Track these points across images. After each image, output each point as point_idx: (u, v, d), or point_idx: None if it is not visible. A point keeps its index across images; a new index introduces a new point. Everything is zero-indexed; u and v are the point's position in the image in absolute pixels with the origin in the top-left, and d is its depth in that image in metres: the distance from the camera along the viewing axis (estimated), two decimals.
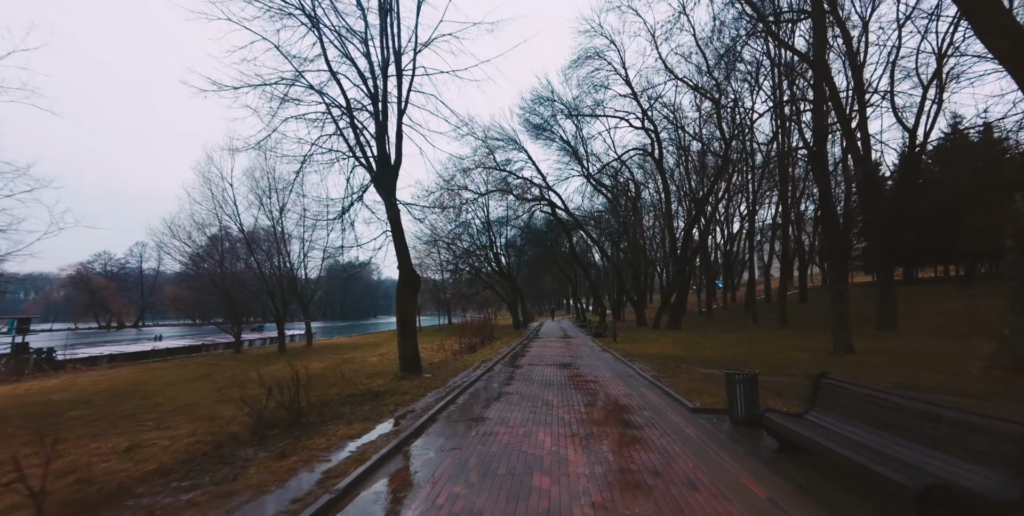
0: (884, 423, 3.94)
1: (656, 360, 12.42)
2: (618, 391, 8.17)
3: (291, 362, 13.75)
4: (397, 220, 9.56)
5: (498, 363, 12.80)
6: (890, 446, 3.73)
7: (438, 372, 10.31)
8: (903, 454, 3.55)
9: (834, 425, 4.26)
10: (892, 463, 3.34)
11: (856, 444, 3.88)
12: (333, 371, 11.60)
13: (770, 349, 13.68)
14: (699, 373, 9.74)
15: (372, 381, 8.91)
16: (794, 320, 25.36)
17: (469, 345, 17.17)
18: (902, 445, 3.62)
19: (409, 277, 9.50)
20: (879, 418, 4.01)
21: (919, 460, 3.31)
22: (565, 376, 10.13)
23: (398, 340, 9.38)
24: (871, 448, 3.80)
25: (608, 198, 34.21)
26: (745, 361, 11.38)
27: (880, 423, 3.96)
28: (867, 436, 3.95)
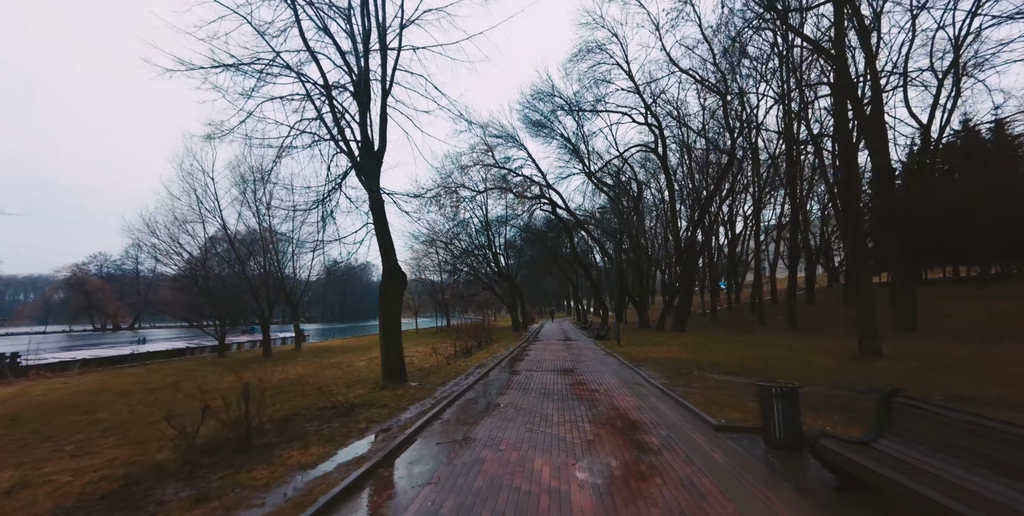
0: (983, 458, 3.00)
1: (665, 365, 11.46)
2: (627, 402, 7.22)
3: (270, 367, 12.79)
4: (381, 211, 8.63)
5: (494, 368, 11.85)
6: (998, 490, 2.79)
7: (427, 379, 9.36)
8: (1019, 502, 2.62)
9: (914, 458, 3.30)
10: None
11: (949, 485, 2.94)
12: (313, 378, 10.66)
13: (786, 353, 12.72)
14: (715, 381, 8.79)
15: (350, 391, 7.97)
16: (802, 322, 24.41)
17: (464, 348, 16.21)
18: (1014, 489, 2.69)
19: (393, 274, 8.58)
20: (974, 450, 3.07)
21: None
22: (566, 384, 9.17)
23: (381, 345, 8.45)
24: (970, 492, 2.86)
25: (610, 197, 33.28)
26: (763, 366, 10.42)
27: (978, 458, 3.02)
28: (962, 475, 3.01)
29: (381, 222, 8.64)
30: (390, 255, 8.66)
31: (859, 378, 8.39)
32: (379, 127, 8.93)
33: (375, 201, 8.47)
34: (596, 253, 50.37)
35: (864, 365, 9.83)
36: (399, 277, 8.77)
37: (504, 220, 35.40)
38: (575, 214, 34.46)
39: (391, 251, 8.75)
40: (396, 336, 8.42)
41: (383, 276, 8.68)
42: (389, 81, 8.91)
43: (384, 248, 8.64)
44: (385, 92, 8.88)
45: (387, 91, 8.90)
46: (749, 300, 39.15)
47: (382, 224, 8.65)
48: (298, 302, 23.02)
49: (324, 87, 8.44)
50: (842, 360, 10.64)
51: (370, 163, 8.55)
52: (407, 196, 8.97)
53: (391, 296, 8.57)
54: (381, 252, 8.65)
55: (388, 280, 8.62)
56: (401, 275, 8.83)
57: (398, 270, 8.82)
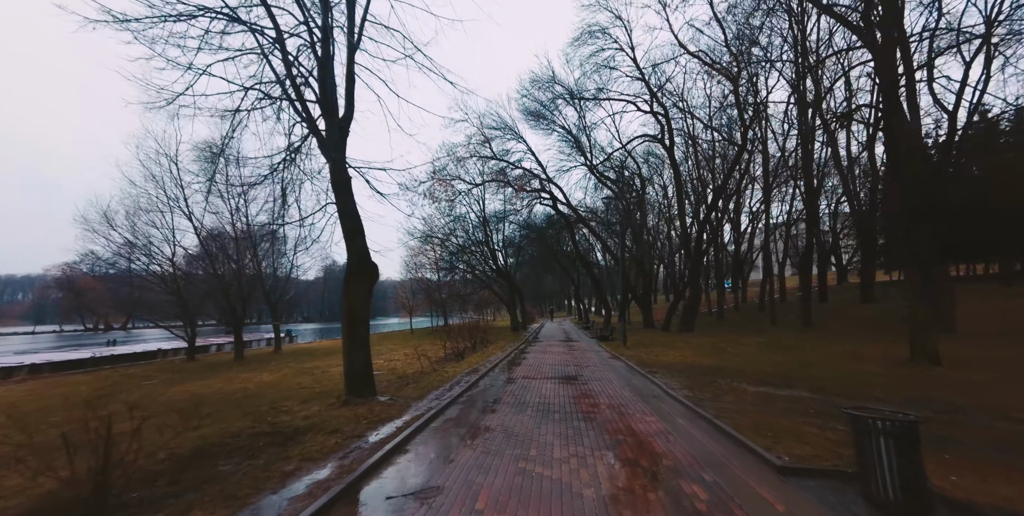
0: None
1: (682, 372, 9.95)
2: (647, 425, 5.70)
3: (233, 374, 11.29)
4: (346, 189, 7.12)
5: (486, 375, 10.33)
6: None
7: (402, 391, 7.85)
8: None
9: None
10: None
11: None
12: (273, 388, 9.17)
13: (820, 358, 11.20)
14: (749, 394, 7.27)
15: (304, 408, 6.47)
16: (816, 321, 22.87)
17: (456, 351, 14.70)
18: None
19: (360, 265, 7.07)
20: None
21: None
22: (570, 397, 7.66)
23: (344, 351, 6.95)
24: None
25: (613, 190, 31.73)
26: (800, 375, 8.91)
27: None
28: None
29: (346, 201, 7.12)
30: (356, 241, 7.14)
31: (928, 392, 6.87)
32: (345, 89, 7.42)
33: (338, 176, 6.96)
34: (597, 251, 48.93)
35: (922, 374, 8.31)
36: (368, 268, 7.26)
37: (502, 216, 33.88)
38: (576, 210, 32.94)
39: (359, 236, 7.23)
40: (362, 340, 6.91)
41: (347, 266, 7.16)
42: (358, 33, 7.39)
43: (350, 232, 7.12)
44: (352, 46, 7.36)
45: (355, 45, 7.38)
46: (757, 299, 37.63)
47: (347, 204, 7.13)
48: (278, 301, 21.46)
49: (276, 33, 6.90)
50: (891, 367, 9.12)
51: (333, 130, 7.05)
52: (378, 168, 7.44)
53: (357, 291, 7.06)
54: (345, 238, 7.13)
55: (354, 272, 7.11)
56: (370, 266, 7.31)
57: (367, 259, 7.30)
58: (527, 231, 36.03)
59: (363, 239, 7.42)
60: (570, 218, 32.99)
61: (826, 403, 6.39)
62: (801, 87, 23.29)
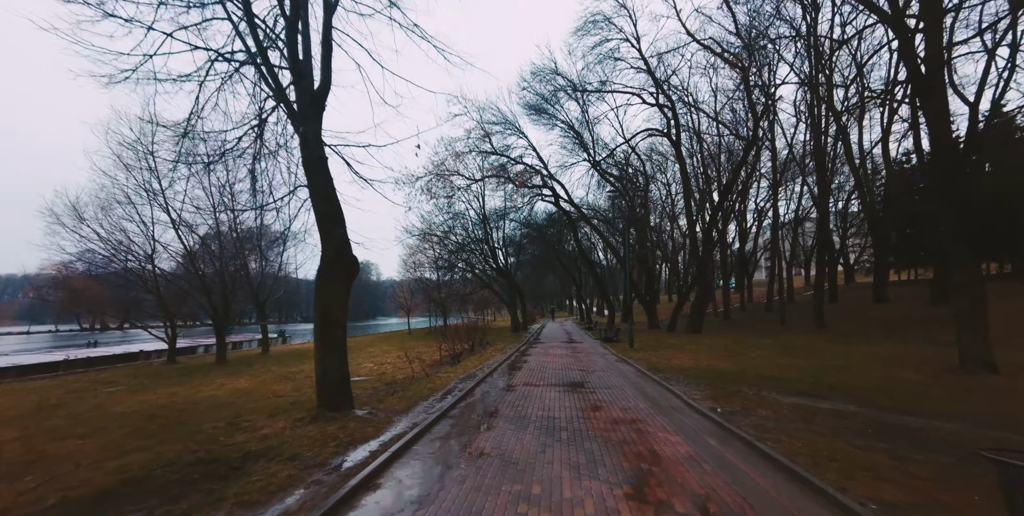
0: None
1: (700, 378, 8.98)
2: (673, 448, 4.73)
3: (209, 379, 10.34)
4: (319, 168, 6.14)
5: (484, 382, 9.38)
6: None
7: (384, 403, 6.88)
8: None
9: None
10: None
11: None
12: (244, 397, 8.21)
13: (850, 363, 10.21)
14: (785, 406, 6.29)
15: (267, 424, 5.51)
16: (828, 322, 21.86)
17: (452, 353, 13.73)
18: None
19: (338, 258, 6.10)
20: None
21: None
22: (577, 408, 6.69)
23: (316, 357, 5.95)
24: None
25: (616, 187, 30.74)
26: (834, 382, 7.92)
27: None
28: None
29: (320, 182, 6.14)
30: (334, 230, 6.16)
31: (995, 408, 5.89)
32: (321, 56, 6.46)
33: (310, 153, 6.00)
34: (599, 251, 47.91)
35: (981, 384, 7.32)
36: (346, 261, 6.29)
37: (503, 213, 32.90)
38: (579, 207, 31.94)
39: (336, 224, 6.25)
40: (338, 345, 5.93)
41: (322, 260, 6.20)
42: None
43: (325, 218, 6.15)
44: (330, 5, 6.41)
45: (333, 4, 6.43)
46: (765, 298, 36.63)
47: (321, 185, 6.15)
48: (266, 300, 20.43)
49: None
50: (937, 374, 8.13)
51: (305, 102, 6.10)
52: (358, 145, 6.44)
53: (333, 288, 6.09)
54: (320, 225, 6.16)
55: (329, 265, 6.13)
56: (349, 259, 6.34)
57: (346, 251, 6.32)
58: (528, 229, 35.06)
59: (342, 228, 6.45)
60: (572, 215, 32.00)
61: (881, 421, 5.41)
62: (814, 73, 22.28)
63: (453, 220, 31.09)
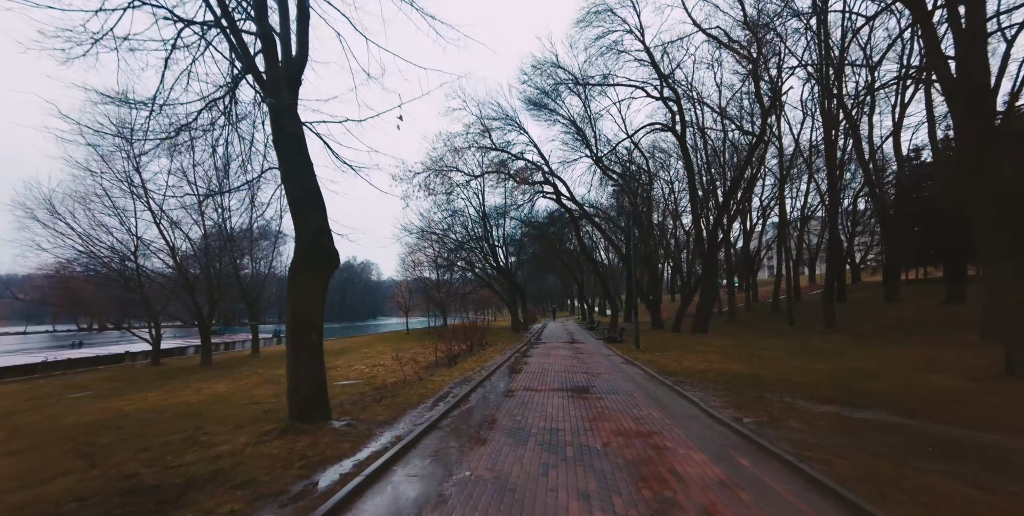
0: None
1: (715, 383, 8.26)
2: (700, 469, 4.02)
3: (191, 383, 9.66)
4: (294, 147, 5.44)
5: (480, 386, 8.67)
6: None
7: (371, 410, 6.18)
8: None
9: None
10: None
11: None
12: (219, 404, 7.52)
13: (874, 367, 9.48)
14: (818, 416, 5.57)
15: (232, 437, 4.81)
16: (840, 322, 21.09)
17: (449, 355, 13.03)
18: None
19: (314, 249, 5.40)
20: None
21: None
22: (583, 419, 5.99)
23: (287, 363, 5.25)
24: None
25: (619, 184, 30.02)
26: (862, 389, 7.19)
27: None
28: None
29: (294, 163, 5.43)
30: (309, 218, 5.45)
31: None
32: (297, 23, 5.76)
33: (281, 130, 5.29)
34: (601, 250, 47.17)
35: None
36: (324, 254, 5.59)
37: (503, 211, 32.19)
38: (581, 205, 31.23)
39: (312, 211, 5.54)
40: (312, 350, 5.22)
41: (296, 253, 5.49)
42: None
43: (299, 203, 5.44)
44: None
45: None
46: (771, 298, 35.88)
47: (295, 166, 5.45)
48: (256, 299, 19.70)
49: None
50: (983, 380, 7.39)
51: (276, 73, 5.40)
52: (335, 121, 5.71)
53: (309, 285, 5.38)
54: (293, 211, 5.46)
55: (304, 259, 5.43)
56: (327, 253, 5.63)
57: (323, 244, 5.62)
58: (529, 228, 34.34)
59: (321, 216, 5.74)
60: (574, 213, 31.28)
61: (938, 436, 4.69)
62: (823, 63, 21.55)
63: (452, 217, 30.43)
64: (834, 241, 23.53)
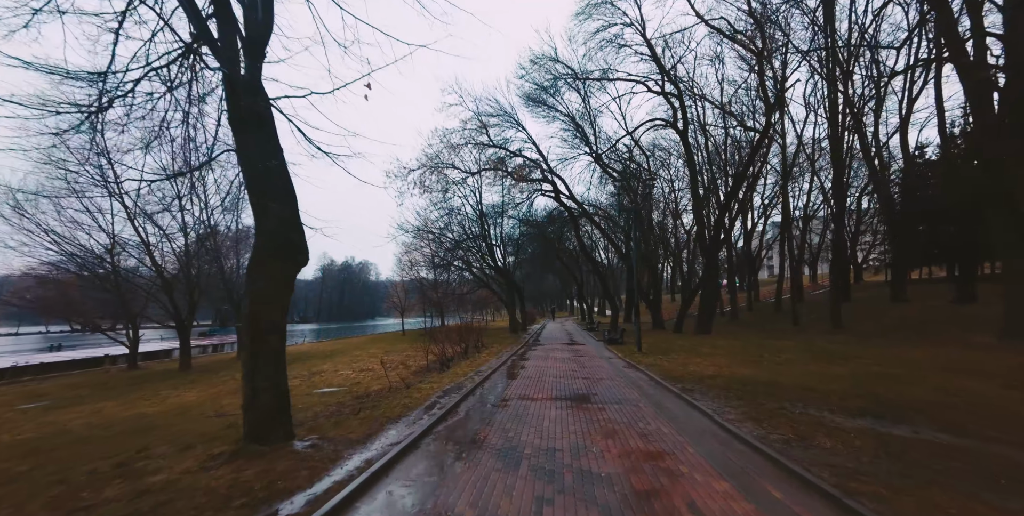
0: None
1: (726, 390, 7.58)
2: (724, 502, 3.34)
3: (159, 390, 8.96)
4: (255, 125, 4.73)
5: (471, 394, 7.98)
6: None
7: (345, 425, 5.48)
8: None
9: None
10: None
11: None
12: (180, 414, 6.81)
13: (896, 371, 8.79)
14: (851, 432, 4.88)
15: (174, 461, 4.10)
16: (846, 323, 20.42)
17: (440, 358, 12.32)
18: None
19: (275, 243, 4.68)
20: None
21: None
22: (583, 433, 5.30)
23: (244, 373, 4.52)
24: None
25: (618, 181, 29.37)
26: (891, 397, 6.51)
27: None
28: None
29: (253, 141, 4.72)
30: (268, 210, 4.76)
31: None
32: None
33: (239, 106, 4.58)
34: (600, 250, 46.50)
35: None
36: (289, 250, 4.88)
37: (501, 210, 31.48)
38: (581, 204, 30.56)
39: (278, 200, 4.83)
40: (273, 358, 4.49)
41: (255, 247, 4.77)
42: None
43: (260, 194, 4.74)
44: None
45: None
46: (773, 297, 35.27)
47: (255, 147, 4.74)
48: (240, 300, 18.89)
49: None
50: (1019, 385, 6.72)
51: (232, 38, 4.70)
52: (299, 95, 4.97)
53: (270, 284, 4.67)
54: (252, 203, 4.74)
55: (264, 254, 4.71)
56: (294, 247, 4.92)
57: (288, 238, 4.91)
58: (527, 227, 33.67)
59: (287, 206, 5.02)
60: (574, 212, 30.60)
61: (1001, 459, 4.00)
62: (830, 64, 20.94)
63: (449, 216, 29.73)
64: (839, 238, 22.85)
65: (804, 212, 35.47)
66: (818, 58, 22.23)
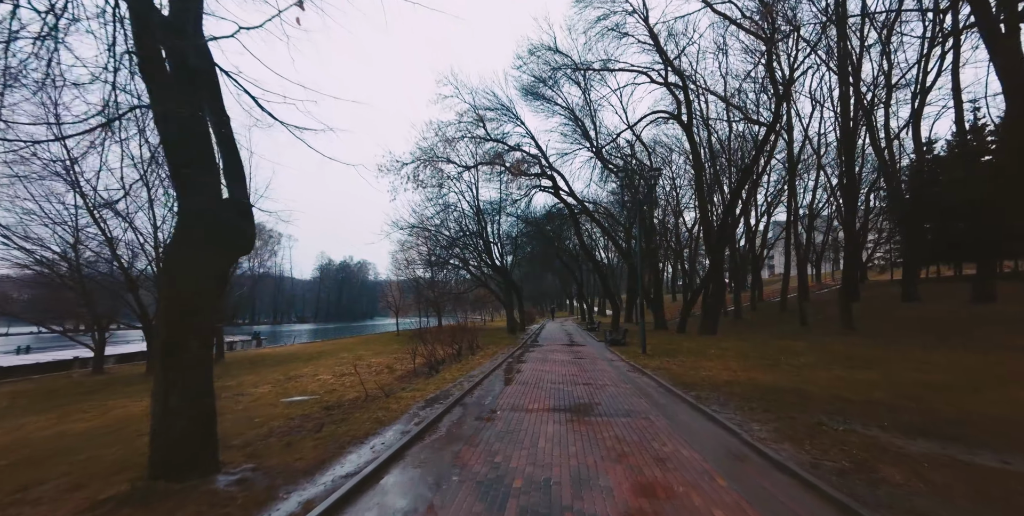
0: None
1: (748, 399, 6.61)
2: None
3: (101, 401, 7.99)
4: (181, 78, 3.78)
5: (458, 404, 6.99)
6: None
7: (294, 448, 4.50)
8: None
9: None
10: None
11: None
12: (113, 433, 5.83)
13: (941, 379, 7.81)
14: (919, 459, 3.91)
15: (47, 510, 3.12)
16: (857, 323, 19.39)
17: (429, 361, 11.34)
18: None
19: (204, 224, 3.72)
20: None
21: None
22: (585, 458, 4.32)
23: (153, 392, 3.58)
24: None
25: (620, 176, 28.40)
26: (944, 409, 5.55)
27: None
28: None
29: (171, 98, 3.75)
30: (196, 188, 3.79)
31: None
32: None
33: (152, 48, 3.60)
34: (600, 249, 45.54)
35: None
36: (225, 235, 3.91)
37: (499, 207, 30.47)
38: (581, 201, 29.61)
39: (204, 169, 3.87)
40: (193, 372, 3.49)
41: (177, 227, 3.80)
42: None
43: (181, 158, 3.76)
44: None
45: None
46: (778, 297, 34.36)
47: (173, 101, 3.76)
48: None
49: None
50: None
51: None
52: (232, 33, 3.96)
53: (193, 274, 3.70)
54: (172, 174, 3.76)
55: (188, 238, 3.74)
56: (230, 232, 3.95)
57: (224, 218, 3.94)
58: (526, 225, 32.70)
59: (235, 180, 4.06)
60: (574, 208, 29.63)
61: None
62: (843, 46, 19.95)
63: (444, 212, 28.72)
64: (850, 237, 21.84)
65: (809, 209, 34.62)
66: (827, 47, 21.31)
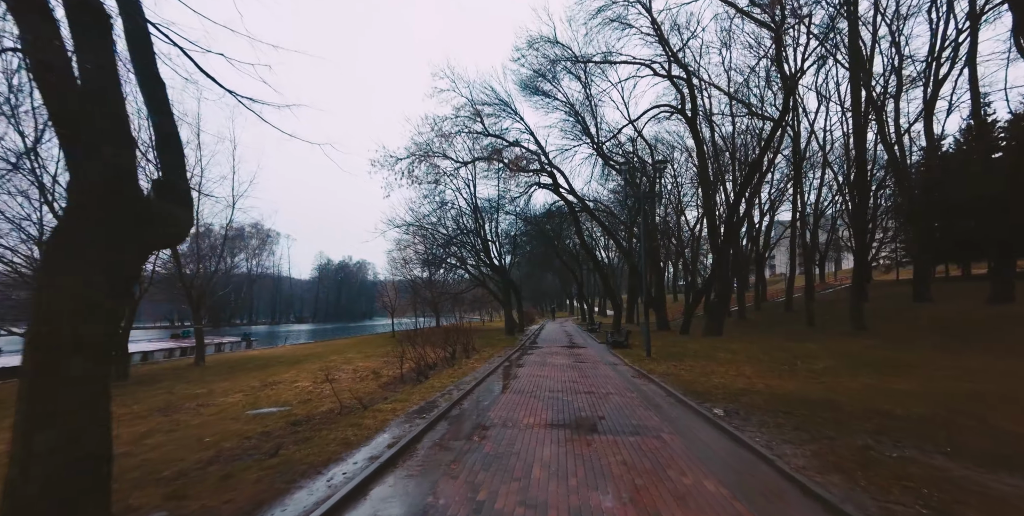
0: None
1: (773, 412, 5.79)
2: None
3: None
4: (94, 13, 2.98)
5: (442, 418, 6.16)
6: None
7: (231, 484, 3.69)
8: None
9: None
10: None
11: None
12: None
13: (995, 390, 6.97)
14: (1018, 501, 3.10)
15: None
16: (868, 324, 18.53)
17: (417, 367, 10.50)
18: None
19: (102, 205, 2.94)
20: None
21: None
22: (589, 493, 3.49)
23: (16, 421, 2.78)
24: None
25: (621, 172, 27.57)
26: (1008, 427, 4.73)
27: None
28: None
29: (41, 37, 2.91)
30: (94, 149, 2.98)
31: None
32: None
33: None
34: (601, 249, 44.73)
35: None
36: (141, 217, 3.11)
37: (497, 204, 29.62)
38: (582, 199, 28.79)
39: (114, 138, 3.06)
40: (76, 401, 2.66)
41: (66, 210, 2.99)
42: None
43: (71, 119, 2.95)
44: None
45: None
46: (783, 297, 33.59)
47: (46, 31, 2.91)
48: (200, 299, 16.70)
49: None
50: None
51: None
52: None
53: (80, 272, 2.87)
54: (60, 137, 2.96)
55: (82, 222, 2.94)
56: (147, 214, 3.15)
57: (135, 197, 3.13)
58: (525, 224, 31.87)
59: (167, 148, 3.23)
60: (574, 206, 28.80)
61: None
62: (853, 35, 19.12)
63: (441, 209, 27.88)
64: (859, 235, 20.98)
65: (815, 207, 33.82)
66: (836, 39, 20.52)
